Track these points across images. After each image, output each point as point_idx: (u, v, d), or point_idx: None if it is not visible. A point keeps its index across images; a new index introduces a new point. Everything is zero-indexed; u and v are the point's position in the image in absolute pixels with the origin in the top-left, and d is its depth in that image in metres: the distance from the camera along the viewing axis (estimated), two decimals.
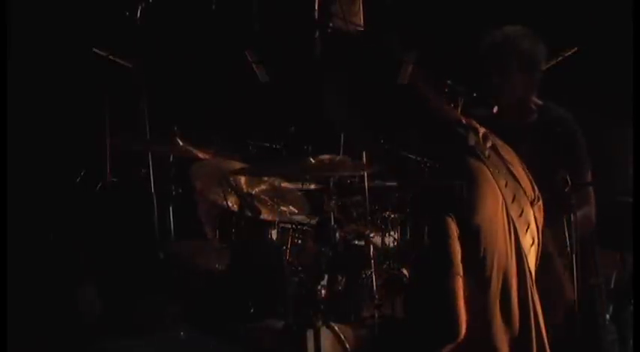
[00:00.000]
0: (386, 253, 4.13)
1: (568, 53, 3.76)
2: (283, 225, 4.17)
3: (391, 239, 4.24)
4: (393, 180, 4.27)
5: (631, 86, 3.31)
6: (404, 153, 2.39)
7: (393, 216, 4.26)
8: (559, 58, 3.70)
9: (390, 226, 4.25)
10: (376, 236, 4.15)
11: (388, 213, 4.25)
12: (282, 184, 4.15)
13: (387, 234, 4.22)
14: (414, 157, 2.45)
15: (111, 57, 4.12)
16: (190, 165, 4.17)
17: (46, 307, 4.03)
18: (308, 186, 4.32)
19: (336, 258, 3.86)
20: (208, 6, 4.67)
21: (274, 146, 4.69)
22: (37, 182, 4.49)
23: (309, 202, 4.20)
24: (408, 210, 4.10)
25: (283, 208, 4.12)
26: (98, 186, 4.35)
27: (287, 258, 4.03)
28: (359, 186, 4.20)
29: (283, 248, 4.06)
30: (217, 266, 3.91)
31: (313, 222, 4.15)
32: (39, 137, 4.57)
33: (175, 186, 4.28)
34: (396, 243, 4.23)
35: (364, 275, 3.92)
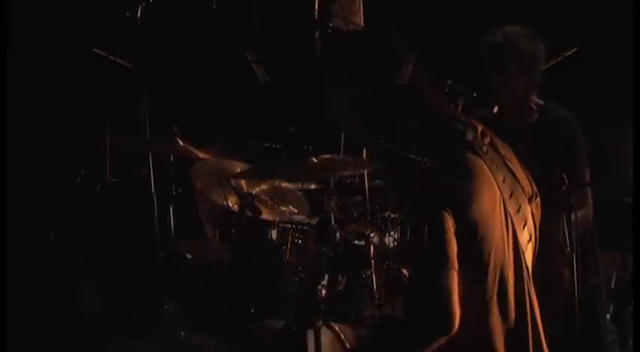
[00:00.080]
0: (386, 253, 4.12)
1: (568, 53, 3.76)
2: (283, 225, 4.17)
3: (391, 239, 4.23)
4: (393, 180, 4.27)
5: (631, 86, 3.31)
6: (404, 153, 2.40)
7: (393, 216, 4.26)
8: (559, 58, 3.70)
9: (390, 226, 4.25)
10: (376, 236, 4.15)
11: (388, 213, 4.25)
12: (282, 184, 4.15)
13: (387, 234, 4.22)
14: (414, 157, 2.46)
15: (111, 57, 4.13)
16: (190, 165, 4.18)
17: (46, 307, 4.02)
18: (308, 186, 4.32)
19: (337, 258, 3.87)
20: (208, 6, 4.67)
21: (274, 146, 4.69)
22: (37, 182, 4.49)
23: (309, 202, 4.20)
24: (408, 210, 4.10)
25: (283, 208, 4.12)
26: (98, 186, 4.35)
27: (287, 258, 4.03)
28: (359, 186, 4.20)
29: (283, 248, 4.05)
30: (217, 266, 3.91)
31: (313, 222, 4.15)
32: (39, 137, 4.57)
33: (175, 186, 4.28)
34: (396, 243, 4.23)
35: (364, 275, 3.92)
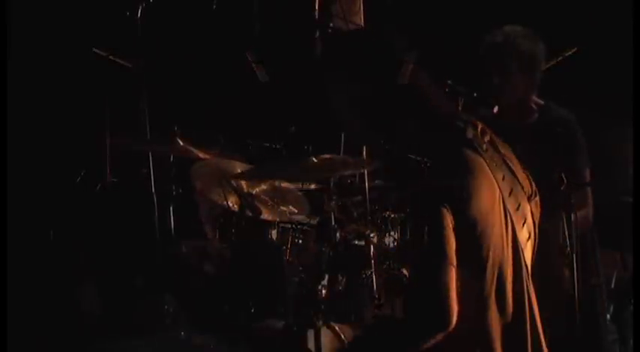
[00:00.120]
0: (386, 253, 4.12)
1: (568, 53, 3.76)
2: (283, 225, 4.16)
3: (391, 239, 4.23)
4: (393, 180, 4.27)
5: (631, 86, 3.31)
6: (404, 152, 2.39)
7: (393, 216, 4.26)
8: (559, 58, 3.70)
9: (390, 226, 4.25)
10: (376, 236, 4.15)
11: (388, 213, 4.25)
12: (282, 184, 4.15)
13: (387, 234, 4.22)
14: (414, 157, 2.46)
15: (111, 57, 4.13)
16: (190, 165, 4.17)
17: (46, 307, 4.02)
18: (308, 186, 4.32)
19: (337, 258, 3.86)
20: (209, 6, 4.67)
21: (274, 146, 4.68)
22: (37, 182, 4.49)
23: (309, 202, 4.20)
24: (408, 209, 4.10)
25: (283, 208, 4.12)
26: (98, 186, 4.35)
27: (287, 258, 4.03)
28: (359, 186, 4.20)
29: (283, 248, 4.05)
30: (217, 266, 3.91)
31: (313, 222, 4.15)
32: (39, 137, 4.57)
33: (175, 186, 4.28)
34: (396, 243, 4.23)
35: (364, 275, 3.92)
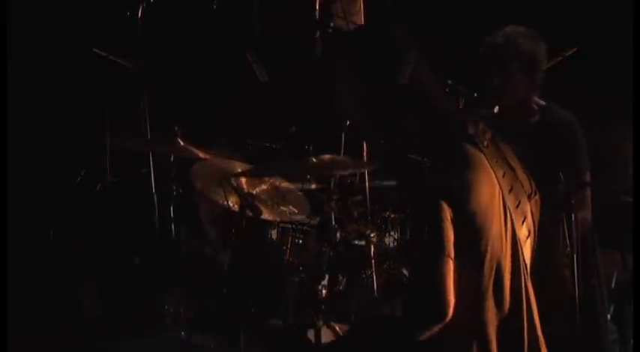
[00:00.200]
0: (386, 253, 4.12)
1: (568, 53, 3.76)
2: (283, 225, 4.16)
3: (391, 239, 4.23)
4: (393, 180, 4.27)
5: (631, 86, 3.31)
6: (404, 152, 2.39)
7: (393, 216, 4.26)
8: (559, 58, 3.70)
9: (390, 226, 4.25)
10: (376, 236, 4.15)
11: (388, 213, 4.25)
12: (282, 184, 4.14)
13: (387, 234, 4.22)
14: (414, 157, 2.45)
15: (111, 57, 4.13)
16: (191, 165, 4.17)
17: (46, 307, 4.02)
18: (308, 186, 4.31)
19: (337, 258, 3.87)
20: (209, 6, 4.67)
21: (274, 146, 4.68)
22: (37, 182, 4.49)
23: (309, 202, 4.20)
24: (408, 204, 4.10)
25: (284, 208, 4.11)
26: (98, 186, 4.35)
27: (287, 258, 4.03)
28: (360, 186, 4.20)
29: (283, 248, 4.05)
30: (217, 266, 3.91)
31: (314, 222, 4.15)
32: (39, 137, 4.57)
33: (176, 186, 4.28)
34: (396, 243, 4.23)
35: (364, 275, 3.92)
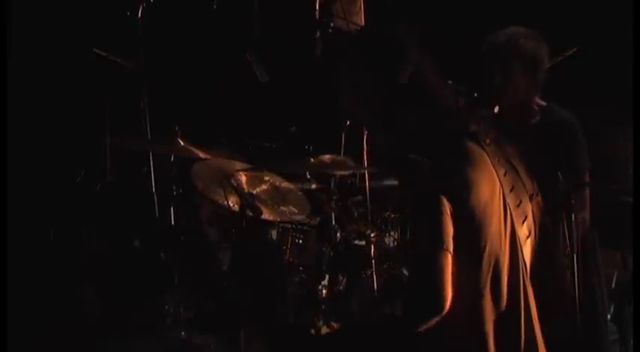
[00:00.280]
0: (386, 253, 4.12)
1: (568, 53, 3.76)
2: (284, 225, 4.16)
3: (391, 239, 4.23)
4: (394, 180, 4.27)
5: (631, 86, 3.32)
6: (405, 150, 2.39)
7: (393, 216, 4.26)
8: (559, 58, 3.70)
9: (390, 226, 4.25)
10: (376, 236, 4.15)
11: (388, 213, 4.25)
12: (282, 184, 4.14)
13: (387, 234, 4.22)
14: (414, 157, 2.45)
15: (111, 57, 4.12)
16: (191, 165, 4.17)
17: (46, 307, 4.02)
18: (308, 186, 4.31)
19: (337, 258, 3.87)
20: (209, 6, 4.68)
21: (274, 146, 4.69)
22: (37, 182, 4.48)
23: (309, 202, 4.20)
24: (408, 209, 4.10)
25: (284, 208, 4.11)
26: (98, 186, 4.35)
27: (287, 258, 4.03)
28: (360, 186, 4.20)
29: (283, 248, 4.05)
30: (217, 266, 3.91)
31: (314, 222, 4.15)
32: (39, 137, 4.56)
33: (176, 186, 4.28)
34: (396, 243, 4.23)
35: (364, 275, 3.92)
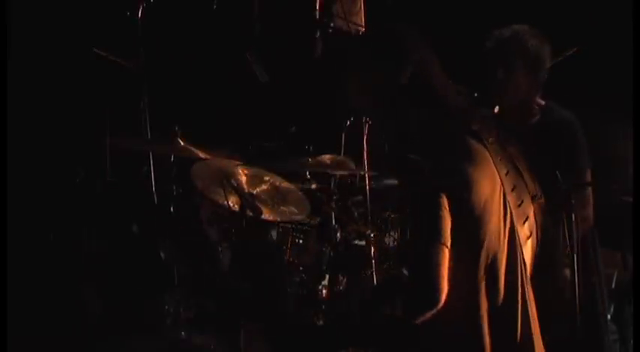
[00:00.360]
0: (386, 253, 4.12)
1: (568, 53, 3.76)
2: (284, 225, 4.16)
3: (391, 239, 4.23)
4: (394, 180, 4.27)
5: (631, 86, 3.32)
6: (406, 149, 2.39)
7: (393, 216, 4.26)
8: (559, 58, 3.70)
9: (390, 226, 4.25)
10: (376, 236, 4.15)
11: (388, 213, 4.25)
12: (282, 184, 4.14)
13: (387, 234, 4.22)
14: (414, 157, 2.45)
15: (111, 57, 4.12)
16: (191, 165, 4.17)
17: (46, 307, 4.02)
18: (308, 186, 4.31)
19: (337, 258, 3.87)
20: (209, 6, 4.68)
21: (274, 146, 4.69)
22: (37, 182, 4.48)
23: (309, 202, 4.19)
24: (408, 209, 4.09)
25: (284, 208, 4.11)
26: (98, 187, 4.35)
27: (287, 258, 4.03)
28: (360, 186, 4.20)
29: (283, 248, 4.05)
30: (218, 265, 3.91)
31: (314, 222, 4.15)
32: (39, 137, 4.56)
33: (176, 186, 4.28)
34: (396, 243, 4.23)
35: (364, 275, 3.92)
